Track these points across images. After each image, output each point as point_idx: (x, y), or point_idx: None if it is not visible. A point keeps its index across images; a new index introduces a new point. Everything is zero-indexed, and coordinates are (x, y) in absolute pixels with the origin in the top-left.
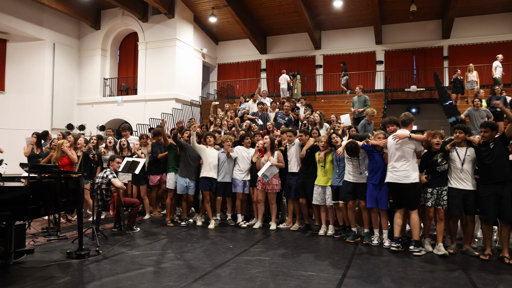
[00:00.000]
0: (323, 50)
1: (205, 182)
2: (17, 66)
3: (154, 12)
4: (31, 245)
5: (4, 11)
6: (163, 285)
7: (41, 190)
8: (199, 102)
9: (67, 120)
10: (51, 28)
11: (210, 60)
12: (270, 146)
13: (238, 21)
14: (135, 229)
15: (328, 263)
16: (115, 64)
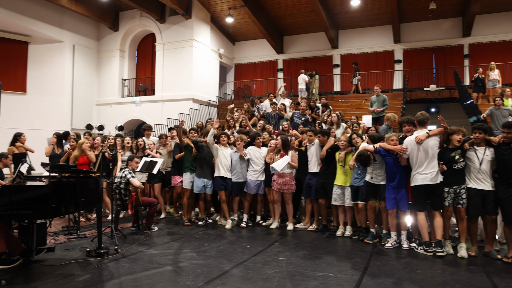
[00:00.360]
0: (340, 50)
1: (220, 181)
2: (38, 68)
3: (171, 13)
4: (52, 243)
5: (26, 14)
6: (181, 284)
7: (61, 190)
8: (216, 102)
9: (87, 120)
10: (71, 30)
11: (227, 60)
12: (283, 146)
13: (254, 21)
14: (153, 228)
15: (346, 264)
16: (133, 65)
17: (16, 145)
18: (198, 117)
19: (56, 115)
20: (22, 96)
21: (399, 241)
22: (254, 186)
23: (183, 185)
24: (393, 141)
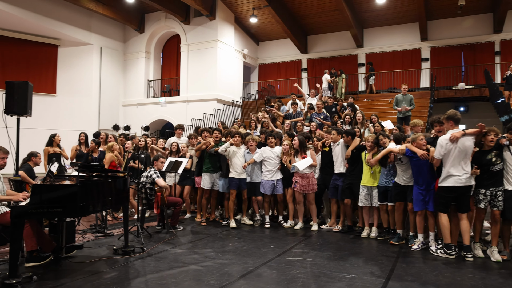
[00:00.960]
0: (365, 48)
1: (235, 181)
2: (67, 70)
3: (195, 14)
4: (80, 240)
5: (56, 18)
6: (205, 283)
7: (89, 189)
8: (240, 103)
9: (113, 121)
10: (98, 32)
11: (251, 61)
12: (300, 146)
13: (278, 21)
14: (178, 228)
15: (372, 265)
16: (158, 66)
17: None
18: (222, 117)
19: (84, 116)
20: (52, 98)
21: (426, 243)
22: (269, 187)
23: (202, 185)
24: (422, 140)
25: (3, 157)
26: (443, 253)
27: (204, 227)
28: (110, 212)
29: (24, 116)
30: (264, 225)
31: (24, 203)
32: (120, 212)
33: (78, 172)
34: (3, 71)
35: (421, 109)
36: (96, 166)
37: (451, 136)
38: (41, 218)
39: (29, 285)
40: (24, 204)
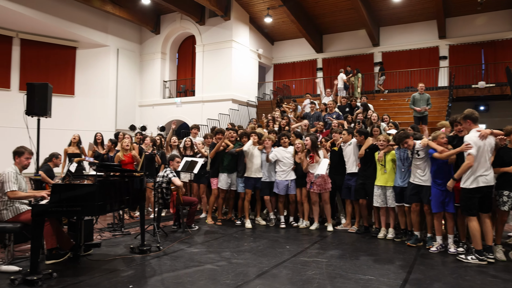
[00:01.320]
0: (381, 47)
1: (251, 181)
2: (85, 72)
3: (210, 15)
4: (98, 239)
5: (74, 21)
6: (221, 283)
7: (107, 188)
8: (255, 103)
9: (130, 121)
10: (115, 34)
11: (266, 61)
12: (312, 146)
13: (293, 21)
14: (194, 227)
15: (389, 267)
16: (174, 67)
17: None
18: (237, 117)
19: (102, 116)
20: (70, 99)
21: (445, 245)
22: (283, 187)
23: (219, 185)
24: (444, 139)
25: (28, 158)
26: (474, 259)
27: (219, 227)
28: (127, 211)
29: (44, 117)
30: (279, 225)
31: (44, 202)
32: (137, 211)
33: (96, 171)
34: (24, 73)
35: (439, 108)
36: (113, 166)
37: (482, 132)
38: (61, 217)
39: (49, 281)
40: (44, 203)
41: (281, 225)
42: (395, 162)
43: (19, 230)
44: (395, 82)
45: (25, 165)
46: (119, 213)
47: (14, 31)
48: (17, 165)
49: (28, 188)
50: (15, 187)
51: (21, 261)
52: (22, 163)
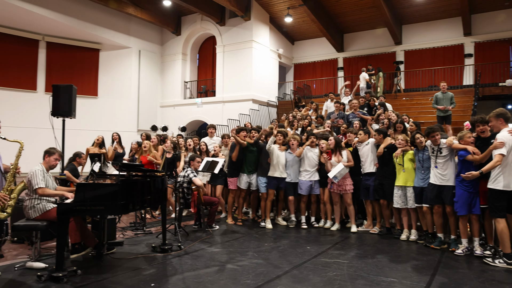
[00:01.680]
0: (404, 46)
1: (274, 181)
2: (108, 73)
3: (231, 16)
4: (121, 238)
5: (98, 24)
6: (241, 283)
7: (129, 187)
8: (275, 103)
9: (151, 121)
10: (137, 36)
11: (286, 60)
12: (336, 147)
13: (314, 20)
14: (214, 227)
15: (411, 269)
16: (194, 68)
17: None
18: (258, 117)
19: (124, 117)
20: (94, 100)
21: (470, 248)
22: (306, 187)
23: (240, 185)
24: (471, 138)
25: (57, 159)
26: (502, 263)
27: (239, 227)
28: (148, 211)
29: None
30: (300, 226)
31: (69, 200)
32: (158, 210)
33: (119, 171)
34: (50, 75)
35: (464, 108)
36: (135, 166)
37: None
38: (85, 216)
39: (73, 278)
40: (69, 201)
41: (303, 225)
42: (414, 162)
43: (45, 228)
44: (418, 81)
45: (52, 165)
46: (141, 212)
47: (41, 34)
48: (45, 164)
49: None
50: (43, 184)
51: (47, 258)
52: (50, 163)
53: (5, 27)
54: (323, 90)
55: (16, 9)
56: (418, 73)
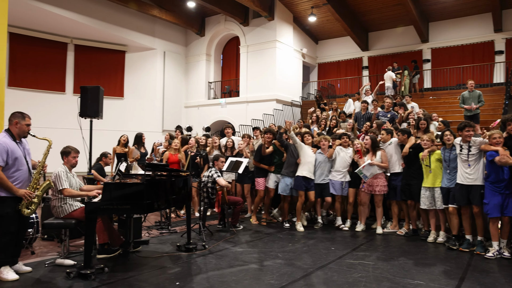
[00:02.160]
0: (431, 43)
1: (302, 181)
2: (134, 74)
3: (254, 16)
4: (146, 236)
5: (123, 26)
6: (265, 283)
7: (155, 187)
8: (299, 103)
9: (176, 122)
10: (162, 37)
11: (310, 60)
12: (372, 146)
13: (338, 19)
14: (238, 227)
15: (439, 272)
16: (218, 68)
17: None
18: (282, 117)
19: (149, 118)
20: (120, 101)
21: (501, 251)
22: (339, 188)
23: (268, 185)
24: (496, 139)
25: (75, 156)
26: None
27: (264, 227)
28: (173, 210)
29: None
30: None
31: (96, 199)
32: (183, 210)
33: (145, 171)
34: (77, 77)
35: (495, 106)
36: (161, 165)
37: None
38: (111, 214)
39: (101, 275)
40: (96, 200)
41: (341, 226)
42: (441, 162)
43: (73, 226)
44: (445, 79)
45: (73, 163)
46: (166, 211)
47: (69, 37)
48: (66, 164)
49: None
50: (66, 184)
51: (75, 255)
52: (70, 162)
53: (36, 31)
54: (347, 90)
55: (47, 14)
56: (446, 71)
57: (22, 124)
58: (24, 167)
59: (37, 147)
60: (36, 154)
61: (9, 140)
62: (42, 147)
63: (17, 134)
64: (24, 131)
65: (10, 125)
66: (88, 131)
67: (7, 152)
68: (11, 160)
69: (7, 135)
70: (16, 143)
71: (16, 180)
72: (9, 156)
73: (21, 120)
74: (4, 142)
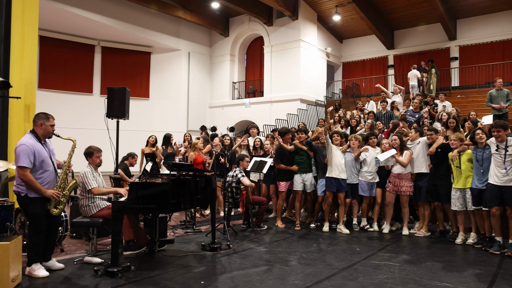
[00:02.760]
0: (459, 41)
1: (332, 182)
2: (159, 75)
3: (278, 16)
4: (172, 235)
5: (149, 27)
6: (290, 283)
7: (180, 186)
8: (324, 102)
9: (200, 122)
10: (186, 38)
11: (334, 59)
12: (400, 146)
13: (363, 17)
14: (263, 227)
15: (468, 275)
16: (242, 68)
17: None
18: (306, 117)
19: (174, 118)
20: (146, 101)
21: None
22: (367, 188)
23: (295, 187)
24: None
25: (98, 156)
26: None
27: (288, 227)
28: (198, 210)
29: (122, 119)
30: (364, 228)
31: (123, 199)
32: (208, 209)
33: (170, 171)
34: (104, 78)
35: None
36: (185, 165)
37: None
38: (137, 213)
39: (127, 273)
40: (123, 199)
41: (366, 227)
42: (471, 162)
43: (101, 224)
44: (474, 77)
45: (98, 163)
46: (191, 211)
47: (96, 39)
48: (91, 164)
49: (108, 185)
50: (94, 184)
51: (102, 253)
52: (95, 162)
53: (65, 34)
54: (372, 89)
55: (75, 17)
56: (474, 69)
57: (47, 125)
58: (50, 168)
59: (61, 146)
60: (59, 153)
61: (35, 142)
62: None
63: (42, 135)
64: (49, 131)
65: (35, 126)
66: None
67: (34, 154)
68: (38, 161)
69: (33, 137)
70: (42, 144)
71: (43, 181)
72: (36, 157)
73: (46, 121)
74: (30, 143)
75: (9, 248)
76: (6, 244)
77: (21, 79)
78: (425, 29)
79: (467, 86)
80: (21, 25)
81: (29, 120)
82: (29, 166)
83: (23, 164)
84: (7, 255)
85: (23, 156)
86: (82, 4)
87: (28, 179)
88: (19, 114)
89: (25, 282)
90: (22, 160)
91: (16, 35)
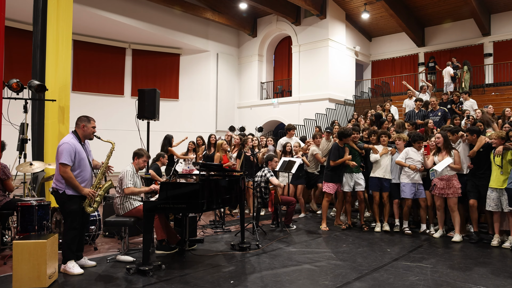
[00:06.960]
0: (493, 37)
1: (376, 182)
2: (188, 76)
3: (306, 15)
4: (201, 235)
5: (178, 30)
6: (319, 284)
7: (209, 187)
8: (353, 101)
9: (229, 122)
10: (215, 39)
11: (363, 58)
12: (444, 145)
13: (392, 15)
14: (292, 227)
15: (504, 278)
16: (270, 68)
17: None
18: (335, 117)
19: (203, 119)
20: (175, 102)
21: None
22: (409, 190)
23: (344, 189)
24: None
25: (145, 161)
26: None
27: (317, 227)
28: (227, 209)
29: (152, 120)
30: (403, 231)
31: (153, 198)
32: (237, 209)
33: (200, 171)
34: (135, 80)
35: None
36: (215, 165)
37: None
38: (168, 213)
39: (158, 272)
40: (154, 199)
41: (406, 230)
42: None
43: (132, 223)
44: (509, 74)
45: (141, 167)
46: (220, 211)
47: (127, 42)
48: (135, 165)
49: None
50: (130, 184)
51: (134, 252)
52: (140, 165)
53: (97, 38)
54: (402, 88)
55: (106, 20)
56: (510, 65)
57: (88, 127)
58: (88, 168)
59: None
60: (95, 154)
61: (76, 142)
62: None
63: (82, 136)
64: (90, 133)
65: (77, 128)
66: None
67: (74, 153)
68: (77, 160)
69: (74, 137)
70: (81, 145)
71: (81, 180)
72: (76, 156)
73: (87, 123)
74: (72, 143)
75: (46, 245)
76: (43, 242)
77: (56, 82)
78: (457, 25)
79: (502, 83)
80: (56, 30)
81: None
82: (70, 163)
83: (65, 161)
84: (45, 252)
85: (65, 154)
86: (113, 8)
87: (68, 176)
88: (54, 116)
89: (60, 279)
90: (64, 157)
91: (51, 40)
